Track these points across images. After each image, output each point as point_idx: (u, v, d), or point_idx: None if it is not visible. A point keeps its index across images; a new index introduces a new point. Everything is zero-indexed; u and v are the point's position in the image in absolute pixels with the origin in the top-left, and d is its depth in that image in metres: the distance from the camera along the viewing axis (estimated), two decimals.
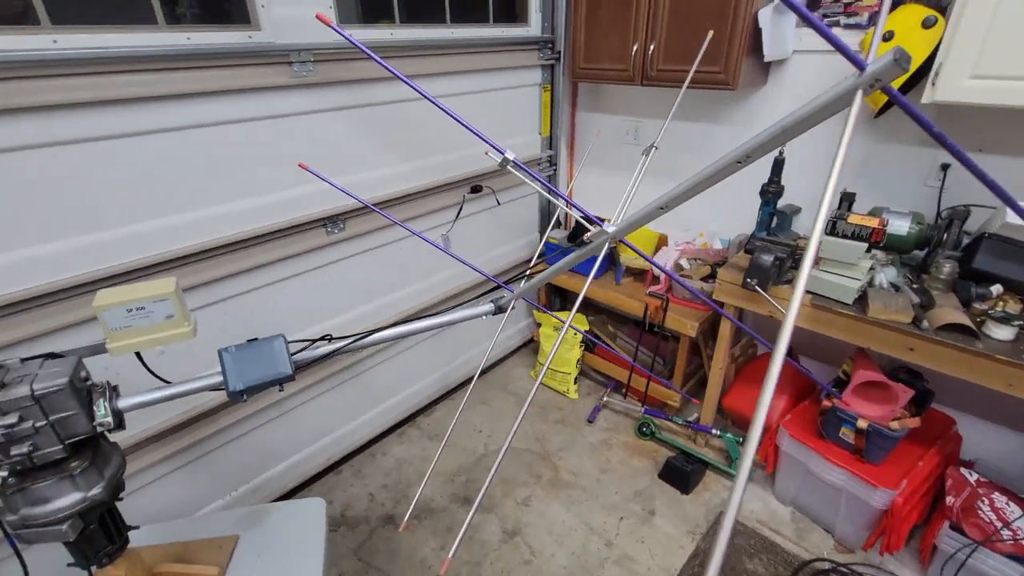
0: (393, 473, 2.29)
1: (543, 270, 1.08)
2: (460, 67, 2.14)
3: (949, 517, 1.65)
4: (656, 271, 2.43)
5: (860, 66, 0.44)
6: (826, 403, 1.82)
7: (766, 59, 1.89)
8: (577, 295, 2.49)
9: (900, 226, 1.69)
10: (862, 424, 1.71)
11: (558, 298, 3.08)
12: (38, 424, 0.85)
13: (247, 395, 0.99)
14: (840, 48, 0.43)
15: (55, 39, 1.21)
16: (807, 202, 2.19)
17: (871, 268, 1.69)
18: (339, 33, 0.77)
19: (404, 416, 2.55)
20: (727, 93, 2.25)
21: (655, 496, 2.15)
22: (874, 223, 1.61)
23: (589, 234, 0.84)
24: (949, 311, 1.53)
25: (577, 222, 2.72)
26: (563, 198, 0.85)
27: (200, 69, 1.43)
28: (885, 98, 1.78)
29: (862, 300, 1.67)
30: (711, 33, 1.59)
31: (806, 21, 0.46)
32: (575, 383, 2.74)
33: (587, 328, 2.73)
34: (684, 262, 2.35)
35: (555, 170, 2.83)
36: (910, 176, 1.92)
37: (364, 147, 1.92)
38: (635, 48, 2.12)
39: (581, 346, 2.70)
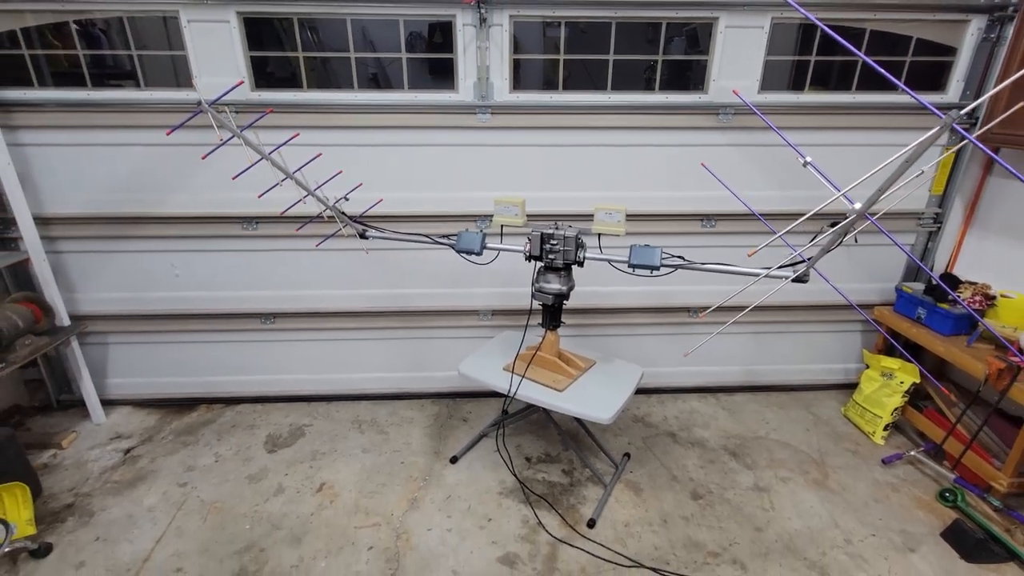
0: (685, 413, 3.02)
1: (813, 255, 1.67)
2: (853, 124, 2.64)
3: None
4: None
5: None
6: None
7: None
8: (919, 346, 2.58)
9: None
10: None
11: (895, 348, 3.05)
12: (559, 248, 2.07)
13: (635, 269, 1.99)
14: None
15: (609, 97, 2.53)
16: None
17: None
18: (743, 101, 1.64)
19: (708, 384, 3.22)
20: None
21: (925, 544, 2.15)
22: None
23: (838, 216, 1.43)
24: None
25: (942, 276, 2.72)
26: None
27: (666, 115, 2.56)
28: None
29: None
30: None
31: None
32: (885, 430, 2.76)
33: (917, 380, 2.69)
34: None
35: (939, 228, 2.87)
36: None
37: (748, 172, 2.71)
38: None
39: (904, 397, 2.71)
